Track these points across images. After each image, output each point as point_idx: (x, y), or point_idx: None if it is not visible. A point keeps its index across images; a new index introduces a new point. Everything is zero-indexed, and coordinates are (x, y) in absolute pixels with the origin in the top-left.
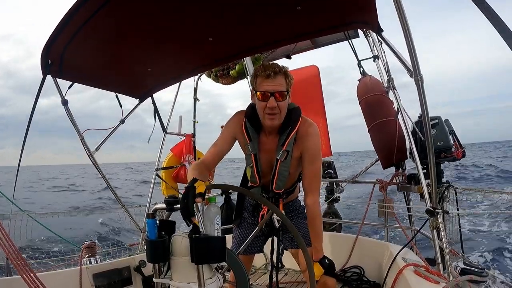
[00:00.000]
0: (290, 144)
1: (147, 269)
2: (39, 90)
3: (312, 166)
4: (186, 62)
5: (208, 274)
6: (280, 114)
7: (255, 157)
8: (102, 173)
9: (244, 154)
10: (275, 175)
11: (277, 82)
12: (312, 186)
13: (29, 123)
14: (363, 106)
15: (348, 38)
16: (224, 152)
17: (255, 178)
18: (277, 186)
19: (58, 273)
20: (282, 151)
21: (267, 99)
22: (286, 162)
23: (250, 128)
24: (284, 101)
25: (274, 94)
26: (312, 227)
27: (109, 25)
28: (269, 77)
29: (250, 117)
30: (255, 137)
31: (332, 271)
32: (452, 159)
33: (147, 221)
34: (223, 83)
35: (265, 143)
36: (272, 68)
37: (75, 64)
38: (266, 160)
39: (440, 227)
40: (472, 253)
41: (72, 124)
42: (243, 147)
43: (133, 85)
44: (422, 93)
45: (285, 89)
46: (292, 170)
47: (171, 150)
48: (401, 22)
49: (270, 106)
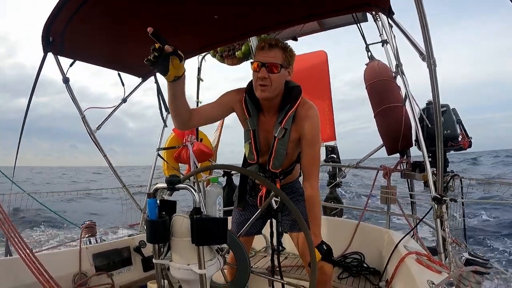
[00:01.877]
0: (288, 122)
1: (147, 249)
2: (40, 67)
3: (311, 149)
4: (191, 40)
5: (209, 256)
6: (271, 86)
7: (254, 133)
8: (103, 152)
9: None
10: (272, 154)
11: (270, 54)
12: (311, 170)
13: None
14: (370, 90)
15: (356, 22)
16: (215, 115)
17: (253, 155)
18: (274, 165)
19: (57, 253)
20: (280, 129)
21: (258, 69)
22: (283, 140)
23: (250, 103)
24: (277, 75)
25: (265, 65)
26: (310, 212)
27: (111, 2)
28: (263, 49)
29: (250, 92)
30: (254, 113)
31: (329, 256)
32: (459, 148)
33: (147, 200)
34: (229, 63)
35: (264, 122)
36: (268, 41)
37: (77, 42)
38: (264, 138)
39: (444, 216)
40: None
41: (73, 102)
42: (242, 121)
43: (136, 64)
44: (434, 78)
45: (280, 62)
46: (290, 150)
47: (173, 130)
48: (416, 3)
49: (261, 76)
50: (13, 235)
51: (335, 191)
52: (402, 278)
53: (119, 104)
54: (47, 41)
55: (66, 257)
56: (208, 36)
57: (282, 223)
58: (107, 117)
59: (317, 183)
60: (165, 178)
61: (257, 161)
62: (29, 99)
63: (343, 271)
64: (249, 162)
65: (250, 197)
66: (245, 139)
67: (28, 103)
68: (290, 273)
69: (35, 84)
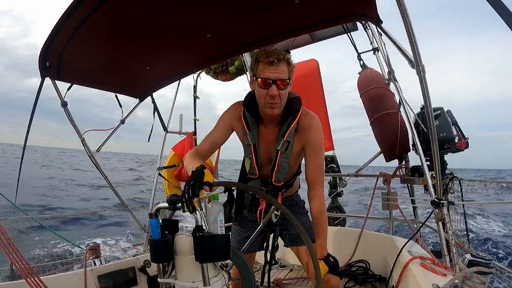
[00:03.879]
0: (291, 134)
1: (152, 269)
2: (38, 92)
3: (316, 158)
4: (185, 60)
5: (213, 273)
6: (281, 103)
7: (255, 148)
8: (104, 174)
9: (242, 145)
10: (275, 167)
11: (279, 70)
12: (316, 180)
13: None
14: (364, 99)
15: (347, 31)
16: (219, 143)
17: (254, 169)
18: (277, 178)
19: (62, 276)
20: (283, 142)
21: (268, 86)
22: (286, 153)
23: (249, 117)
24: (285, 90)
25: (276, 82)
26: (316, 223)
27: (106, 25)
28: (272, 64)
29: (249, 106)
30: (254, 127)
31: (336, 269)
32: (456, 149)
33: (150, 221)
34: (222, 79)
35: (265, 134)
36: (276, 54)
37: (74, 66)
38: (265, 151)
39: (446, 219)
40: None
41: (72, 126)
42: (241, 137)
43: (133, 84)
44: (424, 84)
45: (287, 77)
46: (292, 162)
47: (172, 149)
48: (400, 12)
49: (272, 94)
50: (18, 259)
51: (337, 201)
52: (408, 283)
53: (117, 126)
54: (44, 66)
55: (72, 279)
56: (202, 54)
57: (283, 237)
58: (106, 139)
59: (323, 192)
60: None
61: (259, 175)
62: (30, 120)
63: (349, 279)
64: (250, 176)
65: (249, 212)
66: (245, 153)
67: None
68: (296, 285)
69: (35, 106)
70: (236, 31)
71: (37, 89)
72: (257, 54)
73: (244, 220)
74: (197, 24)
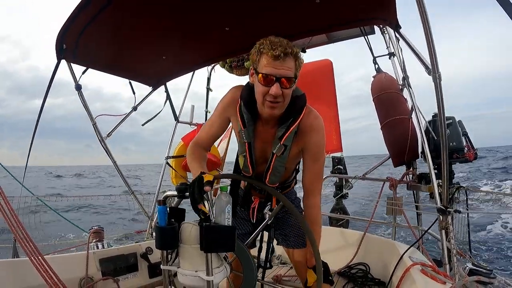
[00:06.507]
0: (289, 138)
1: (153, 256)
2: (53, 74)
3: (315, 164)
4: (201, 51)
5: (216, 263)
6: (283, 103)
7: (249, 146)
8: (113, 159)
9: (237, 140)
10: (269, 169)
11: (286, 66)
12: (313, 187)
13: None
14: (377, 103)
15: (364, 34)
16: (220, 134)
17: (248, 168)
18: (271, 180)
19: (65, 257)
20: (279, 146)
21: (270, 84)
22: (282, 157)
23: (245, 113)
24: (290, 89)
25: (280, 80)
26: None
27: (125, 12)
28: (277, 59)
29: (246, 100)
30: (250, 124)
31: (326, 277)
32: (464, 160)
33: (157, 207)
34: (237, 74)
35: (261, 132)
36: (283, 47)
37: (90, 50)
38: (261, 150)
39: (449, 228)
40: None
41: (85, 109)
42: (236, 132)
43: (147, 72)
44: (439, 92)
45: (294, 74)
46: (289, 165)
47: (182, 139)
48: (421, 18)
49: (273, 93)
50: (23, 237)
51: (341, 202)
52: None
53: (130, 112)
54: (60, 48)
55: (73, 261)
56: (218, 47)
57: (276, 236)
58: (117, 125)
59: (319, 200)
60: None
61: (252, 174)
62: (43, 100)
63: (348, 282)
64: (244, 174)
65: (241, 208)
66: (239, 150)
67: (42, 104)
68: (296, 282)
69: (49, 87)
70: (254, 26)
71: (52, 71)
72: (259, 43)
73: (235, 217)
74: (217, 17)
